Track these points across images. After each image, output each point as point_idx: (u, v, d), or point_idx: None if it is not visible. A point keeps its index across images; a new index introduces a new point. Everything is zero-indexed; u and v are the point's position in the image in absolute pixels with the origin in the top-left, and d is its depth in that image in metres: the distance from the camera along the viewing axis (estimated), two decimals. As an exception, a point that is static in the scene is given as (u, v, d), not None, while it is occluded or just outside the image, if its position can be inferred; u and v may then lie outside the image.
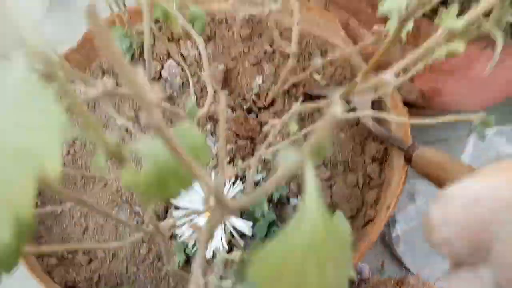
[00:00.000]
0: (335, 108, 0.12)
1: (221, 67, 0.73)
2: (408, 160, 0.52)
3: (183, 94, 0.72)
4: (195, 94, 0.73)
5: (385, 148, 0.62)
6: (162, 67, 0.72)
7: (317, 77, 0.71)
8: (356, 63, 0.70)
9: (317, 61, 0.66)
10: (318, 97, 0.69)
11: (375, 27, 0.54)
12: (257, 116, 0.69)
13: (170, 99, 0.71)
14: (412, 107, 0.75)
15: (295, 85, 0.70)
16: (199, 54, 0.77)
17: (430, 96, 0.78)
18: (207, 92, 0.72)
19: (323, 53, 0.75)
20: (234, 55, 0.77)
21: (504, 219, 0.18)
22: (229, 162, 0.64)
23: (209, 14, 0.82)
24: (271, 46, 0.75)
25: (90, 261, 0.58)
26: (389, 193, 0.57)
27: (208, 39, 0.78)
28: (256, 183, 0.59)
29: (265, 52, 0.75)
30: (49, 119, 0.13)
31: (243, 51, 0.78)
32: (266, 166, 0.62)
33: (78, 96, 0.19)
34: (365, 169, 0.62)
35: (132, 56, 0.70)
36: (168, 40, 0.77)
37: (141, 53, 0.71)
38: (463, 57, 0.66)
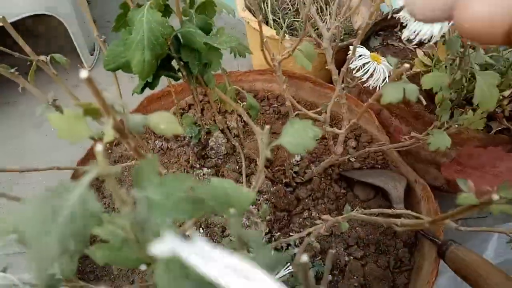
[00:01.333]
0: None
1: (260, 141, 0.80)
2: (441, 255, 0.56)
3: (226, 163, 0.78)
4: (237, 163, 0.79)
5: (415, 234, 0.66)
6: (209, 136, 0.79)
7: (352, 160, 0.77)
8: (391, 154, 0.76)
9: (353, 152, 0.72)
10: (351, 179, 0.75)
11: (413, 134, 0.61)
12: (294, 190, 0.74)
13: (216, 166, 0.77)
14: (436, 189, 0.80)
15: (331, 165, 0.76)
16: (243, 126, 0.85)
17: (455, 185, 0.83)
18: (247, 161, 0.78)
19: (357, 138, 0.82)
20: (274, 130, 0.85)
21: None
22: (267, 233, 0.68)
23: (252, 91, 0.90)
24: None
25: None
26: (419, 281, 0.60)
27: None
28: (294, 255, 0.63)
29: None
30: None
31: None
32: (303, 241, 0.66)
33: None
34: (396, 253, 0.65)
35: (199, 140, 0.76)
36: (217, 112, 0.85)
37: (207, 135, 0.78)
38: (489, 156, 0.72)
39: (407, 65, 0.31)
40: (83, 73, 0.19)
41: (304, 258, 0.16)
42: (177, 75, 0.51)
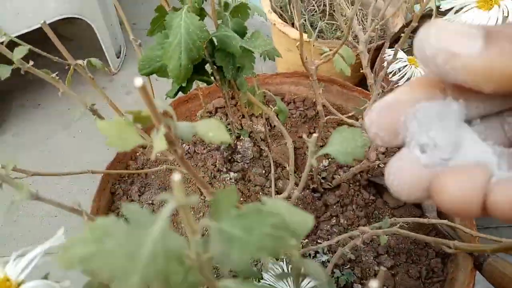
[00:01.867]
0: None
1: (290, 145, 0.79)
2: (478, 266, 0.54)
3: (253, 167, 0.78)
4: (263, 167, 0.79)
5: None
6: (238, 141, 0.79)
7: (381, 165, 0.76)
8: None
9: (383, 158, 0.70)
10: (381, 185, 0.73)
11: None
12: (321, 196, 0.73)
13: (242, 170, 0.76)
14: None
15: (360, 171, 0.74)
16: (270, 130, 0.84)
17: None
18: (275, 165, 0.77)
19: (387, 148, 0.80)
20: (301, 134, 0.83)
21: None
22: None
23: (278, 94, 0.89)
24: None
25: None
26: (455, 292, 0.58)
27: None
28: (322, 263, 0.62)
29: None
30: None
31: (309, 132, 0.84)
32: (331, 248, 0.65)
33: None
34: (428, 262, 0.63)
35: (229, 144, 0.76)
36: (243, 116, 0.84)
37: (236, 139, 0.78)
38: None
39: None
40: (138, 82, 0.18)
41: (374, 285, 0.15)
42: (210, 79, 0.50)
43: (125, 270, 0.13)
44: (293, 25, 1.05)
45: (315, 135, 0.26)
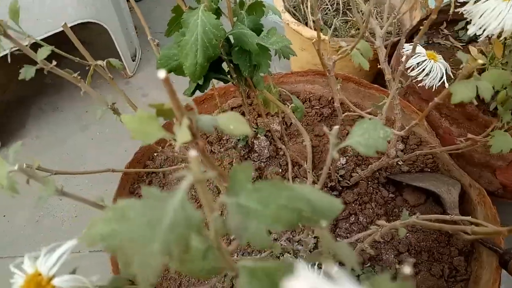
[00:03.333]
0: None
1: (308, 141, 0.79)
2: (503, 264, 0.53)
3: (269, 166, 0.78)
4: (280, 166, 0.78)
5: (472, 242, 0.63)
6: (254, 139, 0.79)
7: (400, 163, 0.74)
8: (442, 157, 0.73)
9: (402, 155, 0.69)
10: (400, 183, 0.72)
11: (470, 136, 0.57)
12: (340, 194, 0.72)
13: (259, 169, 0.76)
14: (491, 195, 0.76)
15: (378, 169, 0.73)
16: (286, 129, 0.84)
17: (510, 190, 0.78)
18: (291, 164, 0.77)
19: (405, 140, 0.79)
20: (317, 133, 0.83)
21: None
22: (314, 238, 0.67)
23: (293, 93, 0.89)
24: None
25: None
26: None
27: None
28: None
29: (347, 134, 0.81)
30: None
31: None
32: (350, 246, 0.64)
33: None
34: (451, 261, 0.62)
35: (246, 142, 0.77)
36: (259, 115, 0.85)
37: (253, 138, 0.78)
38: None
39: (480, 61, 0.29)
40: (161, 74, 0.18)
41: (407, 270, 0.14)
42: (227, 78, 0.51)
43: (145, 238, 0.13)
44: (306, 24, 1.05)
45: (336, 127, 0.26)
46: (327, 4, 1.10)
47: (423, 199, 0.69)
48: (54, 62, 0.38)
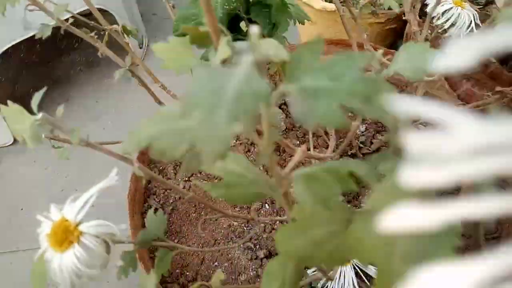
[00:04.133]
0: None
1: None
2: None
3: (286, 138, 0.76)
4: (298, 137, 0.77)
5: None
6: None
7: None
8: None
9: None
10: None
11: (498, 88, 0.55)
12: (361, 162, 0.71)
13: (276, 142, 0.75)
14: None
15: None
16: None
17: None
18: (308, 136, 0.76)
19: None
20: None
21: None
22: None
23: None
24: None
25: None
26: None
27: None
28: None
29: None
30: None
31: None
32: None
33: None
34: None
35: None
36: (275, 84, 0.83)
37: None
38: None
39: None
40: None
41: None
42: (245, 38, 0.49)
43: (211, 106, 0.12)
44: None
45: (380, 50, 0.24)
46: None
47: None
48: (71, 20, 0.37)
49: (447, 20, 0.47)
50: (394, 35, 1.02)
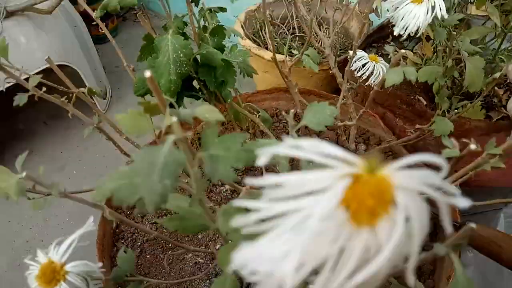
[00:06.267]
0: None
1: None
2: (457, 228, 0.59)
3: (245, 176, 0.82)
4: (255, 176, 0.83)
5: (434, 222, 0.69)
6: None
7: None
8: (399, 152, 0.81)
9: (362, 147, 0.76)
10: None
11: (418, 126, 0.65)
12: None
13: (236, 182, 0.81)
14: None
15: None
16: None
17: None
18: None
19: (366, 142, 0.86)
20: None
21: None
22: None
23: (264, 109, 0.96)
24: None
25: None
26: (446, 265, 0.62)
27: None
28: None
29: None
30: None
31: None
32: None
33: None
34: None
35: None
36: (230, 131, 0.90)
37: None
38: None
39: (402, 51, 0.36)
40: (147, 73, 0.24)
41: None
42: (198, 94, 0.56)
43: (148, 172, 0.18)
44: (266, 48, 1.14)
45: (292, 111, 0.32)
46: (283, 29, 1.20)
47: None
48: (44, 89, 0.42)
49: (365, 72, 0.56)
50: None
